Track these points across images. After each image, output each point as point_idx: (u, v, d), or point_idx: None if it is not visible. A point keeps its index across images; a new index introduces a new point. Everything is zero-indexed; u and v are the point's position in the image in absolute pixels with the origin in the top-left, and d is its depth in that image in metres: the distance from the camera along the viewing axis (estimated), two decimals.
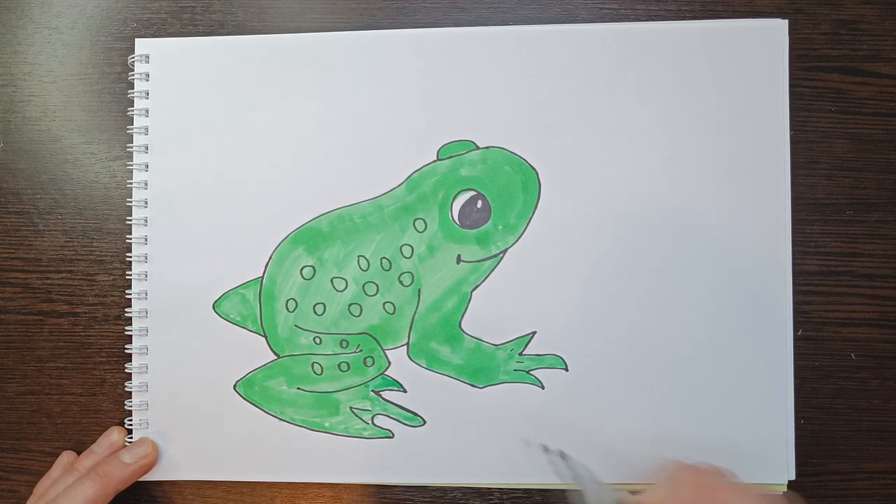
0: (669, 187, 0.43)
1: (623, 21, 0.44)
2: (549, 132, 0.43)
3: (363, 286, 0.44)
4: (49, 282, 0.46)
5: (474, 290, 0.43)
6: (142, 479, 0.44)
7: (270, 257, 0.44)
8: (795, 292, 0.43)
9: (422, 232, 0.44)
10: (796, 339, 0.43)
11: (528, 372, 0.43)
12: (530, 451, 0.43)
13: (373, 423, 0.44)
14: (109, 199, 0.46)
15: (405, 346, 0.44)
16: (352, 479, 0.44)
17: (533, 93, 0.43)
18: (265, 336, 0.44)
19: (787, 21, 0.43)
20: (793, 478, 0.42)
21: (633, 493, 0.38)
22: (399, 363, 0.44)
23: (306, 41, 0.44)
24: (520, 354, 0.43)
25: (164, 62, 0.45)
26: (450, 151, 0.44)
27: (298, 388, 0.44)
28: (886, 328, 0.44)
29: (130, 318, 0.45)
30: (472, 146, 0.43)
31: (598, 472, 0.42)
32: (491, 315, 0.43)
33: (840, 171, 0.44)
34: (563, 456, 0.42)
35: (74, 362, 0.46)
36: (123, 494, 0.45)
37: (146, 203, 0.45)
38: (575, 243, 0.43)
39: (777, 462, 0.42)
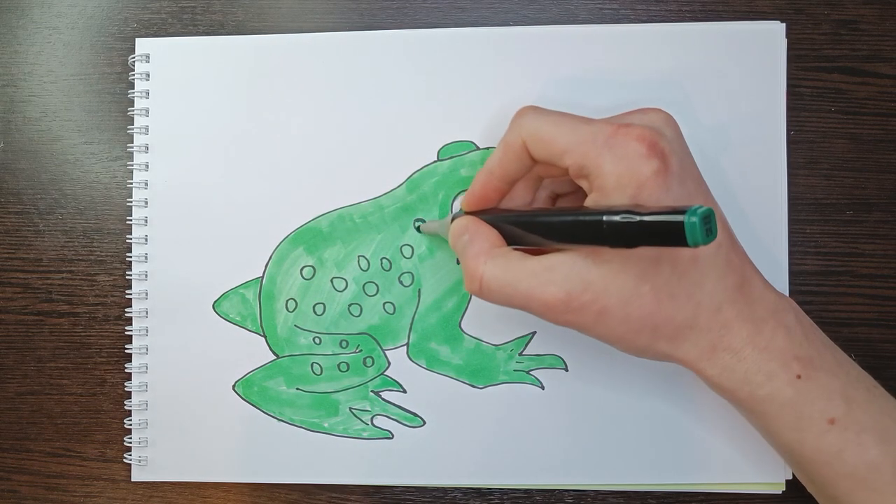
0: None
1: (623, 21, 0.44)
2: None
3: (363, 286, 0.44)
4: (49, 282, 0.46)
5: None
6: (140, 479, 0.44)
7: (270, 257, 0.44)
8: (795, 292, 0.43)
9: (422, 232, 0.44)
10: None
11: (528, 372, 0.43)
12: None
13: (372, 423, 0.44)
14: (109, 199, 0.46)
15: (405, 347, 0.44)
16: (351, 481, 0.44)
17: (533, 93, 0.43)
18: (265, 336, 0.44)
19: (784, 25, 0.43)
20: (790, 477, 0.42)
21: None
22: (399, 363, 0.44)
23: (306, 41, 0.44)
24: (520, 354, 0.43)
25: (164, 62, 0.45)
26: (450, 152, 0.44)
27: (298, 389, 0.44)
28: (886, 328, 0.44)
29: (130, 318, 0.45)
30: (472, 147, 0.43)
31: (597, 473, 0.42)
32: (491, 315, 0.43)
33: (840, 171, 0.44)
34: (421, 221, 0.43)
35: (74, 362, 0.46)
36: (122, 495, 0.45)
37: (146, 203, 0.45)
38: None
39: (776, 462, 0.42)
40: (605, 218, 0.29)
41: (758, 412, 0.34)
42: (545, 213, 0.33)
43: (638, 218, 0.27)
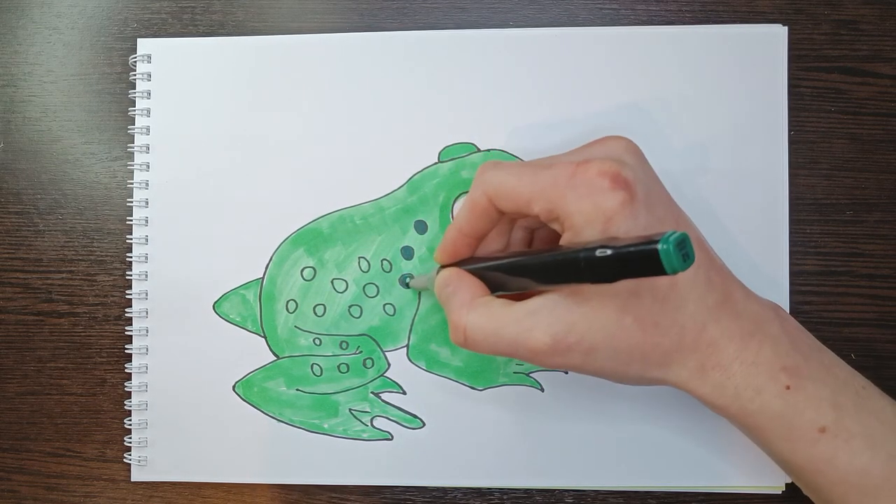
0: (668, 189, 0.43)
1: (623, 21, 0.44)
2: (550, 135, 0.43)
3: (363, 287, 0.44)
4: (49, 282, 0.46)
5: None
6: (139, 479, 0.44)
7: (271, 258, 0.44)
8: (795, 292, 0.43)
9: (423, 234, 0.44)
10: None
11: (527, 374, 0.43)
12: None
13: (372, 425, 0.44)
14: (110, 199, 0.45)
15: (405, 348, 0.44)
16: (350, 482, 0.44)
17: (534, 96, 0.43)
18: (265, 337, 0.44)
19: (786, 28, 0.43)
20: (789, 481, 0.42)
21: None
22: (399, 365, 0.44)
23: (307, 42, 0.44)
24: None
25: (166, 62, 0.45)
26: (451, 154, 0.43)
27: (297, 390, 0.44)
28: (886, 328, 0.44)
29: (130, 319, 0.45)
30: (473, 149, 0.43)
31: (597, 475, 0.43)
32: None
33: (840, 171, 0.44)
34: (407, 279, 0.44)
35: (74, 362, 0.46)
36: (122, 495, 0.45)
37: (147, 203, 0.45)
38: None
39: (775, 466, 0.42)
40: (581, 255, 0.29)
41: (750, 425, 0.34)
42: (525, 257, 0.34)
43: (611, 251, 0.27)
